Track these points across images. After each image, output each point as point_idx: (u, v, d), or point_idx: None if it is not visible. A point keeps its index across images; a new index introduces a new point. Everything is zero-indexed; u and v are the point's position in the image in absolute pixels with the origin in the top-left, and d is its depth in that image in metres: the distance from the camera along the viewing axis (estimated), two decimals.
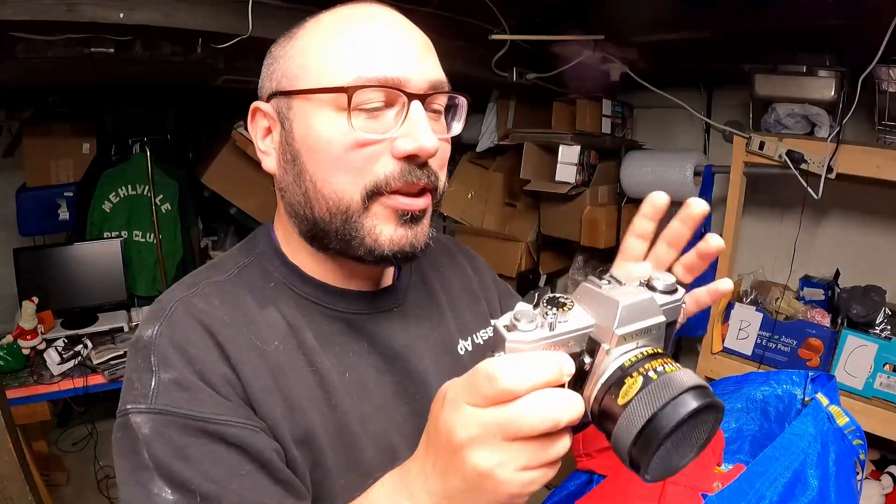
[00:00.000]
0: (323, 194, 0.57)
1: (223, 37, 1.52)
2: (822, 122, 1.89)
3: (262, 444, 0.53)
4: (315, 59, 0.57)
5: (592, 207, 2.47)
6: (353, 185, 0.56)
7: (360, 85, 0.54)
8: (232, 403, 0.53)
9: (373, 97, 0.55)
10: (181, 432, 0.50)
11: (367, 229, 0.57)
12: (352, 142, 0.55)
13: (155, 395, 0.51)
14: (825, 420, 1.02)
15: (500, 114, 2.67)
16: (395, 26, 0.58)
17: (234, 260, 0.64)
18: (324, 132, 0.56)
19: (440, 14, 1.74)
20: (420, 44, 0.59)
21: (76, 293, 2.56)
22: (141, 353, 0.54)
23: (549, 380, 0.39)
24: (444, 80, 0.59)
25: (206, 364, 0.53)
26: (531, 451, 0.39)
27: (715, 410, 0.39)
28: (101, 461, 2.49)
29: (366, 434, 0.60)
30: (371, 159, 0.55)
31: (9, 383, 2.04)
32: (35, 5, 1.28)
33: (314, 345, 0.60)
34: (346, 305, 0.64)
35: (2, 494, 1.48)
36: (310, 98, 0.56)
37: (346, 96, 0.54)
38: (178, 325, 0.55)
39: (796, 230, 2.14)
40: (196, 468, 0.50)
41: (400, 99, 0.56)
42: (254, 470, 0.51)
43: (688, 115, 2.36)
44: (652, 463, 0.39)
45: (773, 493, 0.89)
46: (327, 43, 0.57)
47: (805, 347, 1.93)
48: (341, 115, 0.55)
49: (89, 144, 2.80)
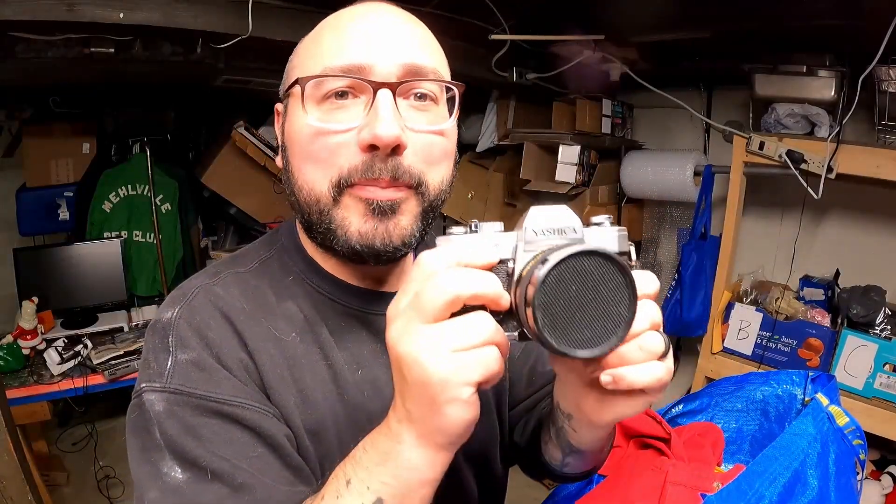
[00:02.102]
0: (299, 185, 0.58)
1: (223, 37, 1.52)
2: (822, 122, 1.89)
3: (274, 428, 0.53)
4: (299, 56, 0.60)
5: (592, 207, 2.47)
6: (321, 176, 0.56)
7: (318, 74, 0.54)
8: (248, 388, 0.54)
9: (335, 86, 0.54)
10: (195, 412, 0.51)
11: (338, 221, 0.56)
12: (311, 132, 0.55)
13: (171, 374, 0.52)
14: (825, 420, 1.02)
15: (500, 114, 2.67)
16: (374, 16, 0.56)
17: (256, 253, 0.65)
18: (294, 124, 0.58)
19: (440, 14, 1.74)
20: (398, 30, 0.56)
21: (76, 293, 2.56)
22: (159, 334, 0.55)
23: (461, 261, 0.40)
24: (427, 66, 0.56)
25: (224, 348, 0.54)
26: (452, 331, 0.38)
27: (600, 259, 0.37)
28: (101, 461, 2.49)
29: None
30: (335, 151, 0.54)
31: (9, 383, 2.04)
32: (35, 5, 1.28)
33: (329, 340, 0.61)
34: (360, 303, 0.64)
35: (2, 494, 1.48)
36: (292, 94, 0.58)
37: (300, 87, 0.55)
38: (197, 310, 0.56)
39: (796, 230, 2.14)
40: (207, 447, 0.50)
41: (367, 88, 0.54)
42: (266, 453, 0.52)
43: (688, 115, 2.36)
44: (547, 322, 0.37)
45: (773, 492, 0.89)
46: (310, 40, 0.59)
47: (805, 347, 1.93)
48: (309, 106, 0.56)
49: (89, 144, 2.80)
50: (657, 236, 2.71)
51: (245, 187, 2.85)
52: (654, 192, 2.41)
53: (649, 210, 2.69)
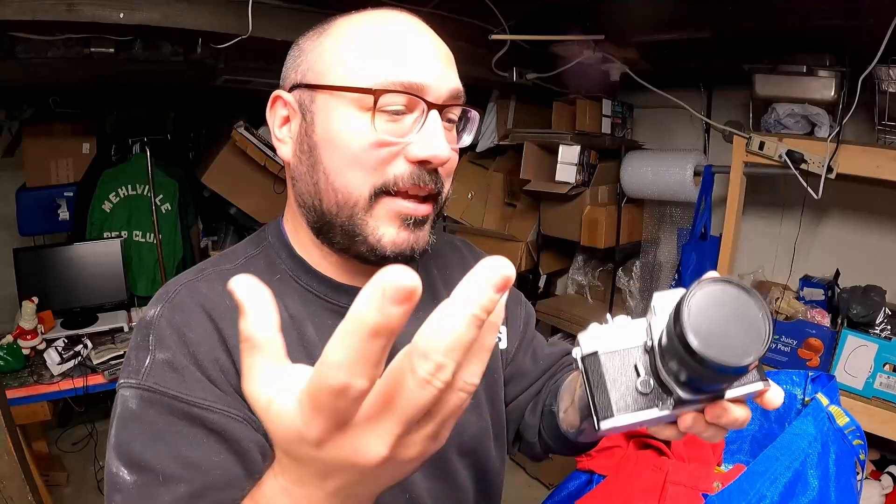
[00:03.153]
0: (334, 187, 0.58)
1: (223, 37, 1.52)
2: (822, 122, 1.89)
3: (241, 433, 0.53)
4: (344, 57, 0.58)
5: (592, 207, 2.47)
6: (363, 181, 0.57)
7: (387, 89, 0.55)
8: (220, 391, 0.54)
9: (396, 101, 0.56)
10: (164, 411, 0.52)
11: (371, 228, 0.58)
12: (372, 142, 0.56)
13: (147, 373, 0.53)
14: (825, 420, 1.02)
15: (500, 114, 2.68)
16: (423, 34, 0.60)
17: (242, 251, 0.66)
18: (345, 129, 0.57)
19: (440, 14, 1.74)
20: (444, 54, 0.60)
21: (76, 293, 2.56)
22: (141, 332, 0.56)
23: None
24: (462, 91, 0.61)
25: (202, 347, 0.55)
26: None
27: (724, 284, 0.41)
28: (101, 461, 2.49)
29: None
30: (385, 160, 0.57)
31: (9, 383, 2.03)
32: (35, 5, 1.28)
33: (315, 338, 0.61)
34: (349, 302, 0.63)
35: (2, 494, 1.48)
36: (335, 94, 0.57)
37: (373, 98, 0.55)
38: (179, 308, 0.57)
39: (796, 230, 2.14)
40: (169, 448, 0.50)
41: (420, 105, 0.57)
42: (228, 458, 0.52)
43: (688, 115, 2.36)
44: (701, 341, 0.39)
45: (774, 492, 0.89)
46: (358, 43, 0.58)
47: (805, 347, 1.93)
48: (364, 114, 0.56)
49: (89, 144, 2.80)
50: (657, 236, 2.71)
51: (245, 187, 2.85)
52: (654, 192, 2.41)
53: (649, 210, 2.69)
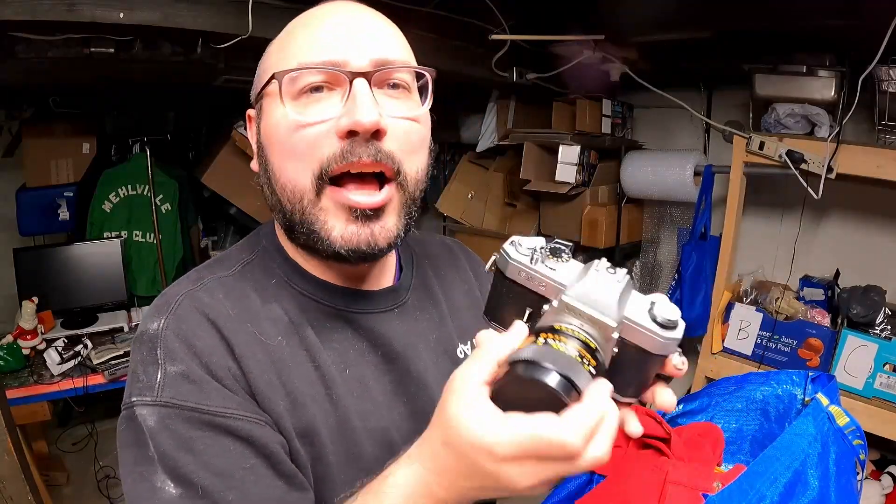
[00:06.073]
0: (281, 184, 0.58)
1: (223, 37, 1.52)
2: (822, 122, 1.89)
3: (267, 437, 0.53)
4: (271, 57, 0.60)
5: (592, 207, 2.47)
6: (303, 171, 0.56)
7: (292, 68, 0.55)
8: (238, 397, 0.54)
9: (312, 80, 0.56)
10: (187, 425, 0.51)
11: (322, 222, 0.57)
12: (291, 126, 0.56)
13: (161, 387, 0.52)
14: (825, 420, 1.02)
15: (500, 114, 2.67)
16: (343, 14, 0.58)
17: (237, 256, 0.65)
18: (273, 122, 0.58)
19: (440, 14, 1.74)
20: (368, 26, 0.58)
21: (76, 293, 2.56)
22: (146, 346, 0.54)
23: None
24: (396, 58, 0.58)
25: (213, 357, 0.54)
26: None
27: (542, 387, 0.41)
28: (101, 461, 2.49)
29: (366, 430, 0.60)
30: (315, 143, 0.55)
31: (9, 383, 2.04)
32: (35, 5, 1.28)
33: (315, 341, 0.61)
34: (345, 304, 0.64)
35: (2, 494, 1.48)
36: (267, 95, 0.59)
37: (277, 81, 0.56)
38: (183, 319, 0.55)
39: (796, 230, 2.14)
40: (200, 461, 0.50)
41: (343, 80, 0.55)
42: (259, 464, 0.52)
43: (688, 115, 2.36)
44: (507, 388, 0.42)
45: (774, 493, 0.89)
46: (280, 40, 0.61)
47: (805, 347, 1.93)
48: (286, 101, 0.57)
49: (89, 144, 2.79)
50: (657, 236, 2.71)
51: (245, 187, 2.85)
52: (654, 192, 2.41)
53: (649, 210, 2.69)
